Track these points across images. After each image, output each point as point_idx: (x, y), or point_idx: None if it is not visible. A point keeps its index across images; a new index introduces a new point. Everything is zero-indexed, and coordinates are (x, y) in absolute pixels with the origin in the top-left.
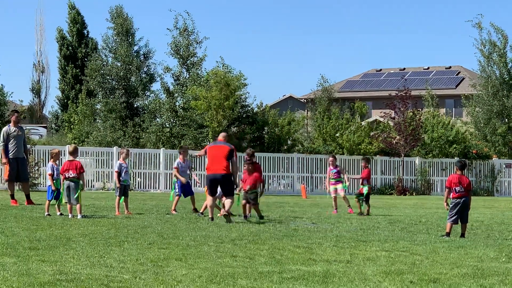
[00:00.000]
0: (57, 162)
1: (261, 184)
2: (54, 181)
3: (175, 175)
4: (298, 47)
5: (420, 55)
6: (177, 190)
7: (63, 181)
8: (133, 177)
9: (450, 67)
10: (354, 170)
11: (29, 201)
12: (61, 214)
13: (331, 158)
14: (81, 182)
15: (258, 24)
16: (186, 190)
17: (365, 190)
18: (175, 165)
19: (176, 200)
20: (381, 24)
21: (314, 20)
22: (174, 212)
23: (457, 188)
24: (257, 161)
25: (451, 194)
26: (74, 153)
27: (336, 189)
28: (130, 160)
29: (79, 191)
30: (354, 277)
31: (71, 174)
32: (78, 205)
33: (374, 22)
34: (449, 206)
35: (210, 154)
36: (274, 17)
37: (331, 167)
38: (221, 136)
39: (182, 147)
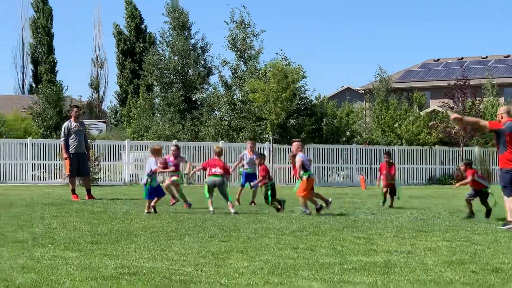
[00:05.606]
0: (158, 158)
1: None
2: (150, 179)
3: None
4: (356, 38)
5: (478, 43)
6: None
7: (208, 176)
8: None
9: (508, 55)
10: (413, 161)
11: (90, 196)
12: (148, 212)
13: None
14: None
15: (315, 15)
16: None
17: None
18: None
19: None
20: (439, 14)
21: (372, 11)
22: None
23: None
24: (315, 153)
25: None
26: (220, 154)
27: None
28: (190, 154)
29: (227, 187)
30: (415, 267)
31: (218, 171)
32: (229, 202)
33: (431, 12)
34: None
35: None
36: (331, 8)
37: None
38: None
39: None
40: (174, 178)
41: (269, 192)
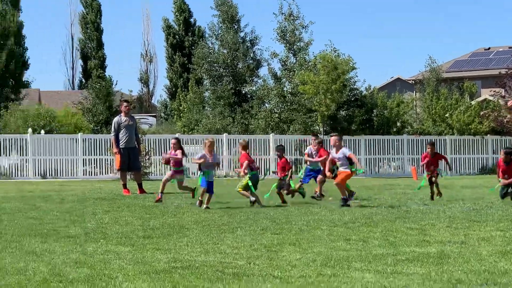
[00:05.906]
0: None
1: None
2: (204, 173)
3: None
4: (405, 28)
5: None
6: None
7: (251, 171)
8: None
9: None
10: (464, 150)
11: (141, 190)
12: (200, 201)
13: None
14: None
15: (364, 6)
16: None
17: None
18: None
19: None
20: (489, 2)
21: (421, 0)
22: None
23: None
24: (366, 144)
25: None
26: (247, 147)
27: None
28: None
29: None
30: (469, 257)
31: (255, 166)
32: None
33: (482, 0)
34: None
35: None
36: None
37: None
38: None
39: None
40: (178, 176)
41: (275, 185)
